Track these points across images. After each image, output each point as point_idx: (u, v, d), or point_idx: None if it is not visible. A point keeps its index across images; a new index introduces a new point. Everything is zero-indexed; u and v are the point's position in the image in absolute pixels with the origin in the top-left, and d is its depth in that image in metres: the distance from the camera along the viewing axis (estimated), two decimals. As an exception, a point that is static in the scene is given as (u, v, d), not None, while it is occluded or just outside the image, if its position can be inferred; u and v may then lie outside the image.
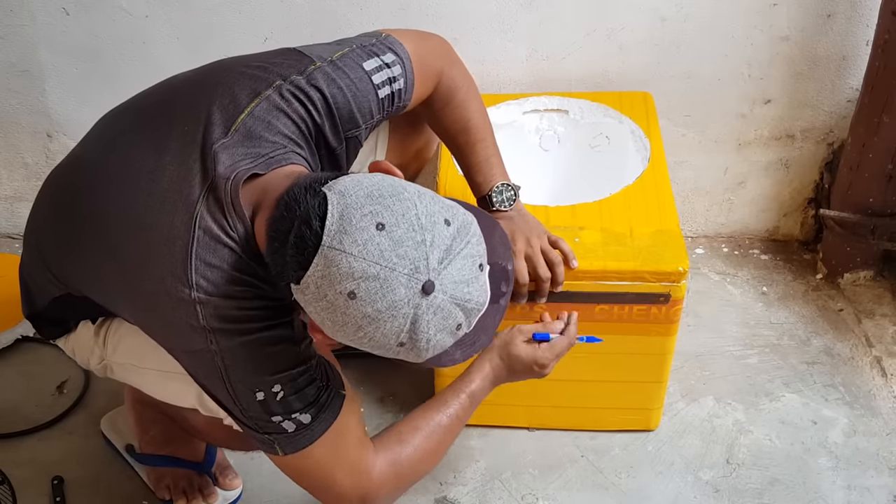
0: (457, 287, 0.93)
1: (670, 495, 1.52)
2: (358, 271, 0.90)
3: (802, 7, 1.70)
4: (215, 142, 1.08)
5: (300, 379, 1.08)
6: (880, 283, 1.89)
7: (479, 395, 1.30)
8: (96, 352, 1.33)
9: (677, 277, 1.40)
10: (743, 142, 1.88)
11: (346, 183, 0.95)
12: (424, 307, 0.92)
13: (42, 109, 1.91)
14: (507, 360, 1.32)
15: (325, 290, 0.92)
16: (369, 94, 1.18)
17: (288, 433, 1.11)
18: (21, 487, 1.55)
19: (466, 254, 0.94)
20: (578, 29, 1.74)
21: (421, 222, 0.92)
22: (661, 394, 1.57)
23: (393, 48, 1.23)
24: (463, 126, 1.36)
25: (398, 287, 0.91)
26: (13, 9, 1.78)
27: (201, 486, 1.50)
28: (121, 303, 1.18)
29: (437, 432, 1.25)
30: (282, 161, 1.09)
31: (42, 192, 1.28)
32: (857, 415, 1.63)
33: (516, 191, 1.39)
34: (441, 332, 0.95)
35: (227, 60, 1.22)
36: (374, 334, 0.93)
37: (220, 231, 1.04)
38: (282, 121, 1.11)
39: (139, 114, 1.20)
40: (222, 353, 1.06)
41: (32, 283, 1.30)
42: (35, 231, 1.27)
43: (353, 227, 0.91)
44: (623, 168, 1.63)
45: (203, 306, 1.04)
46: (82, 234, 1.16)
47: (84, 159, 1.22)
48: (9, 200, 2.05)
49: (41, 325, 1.36)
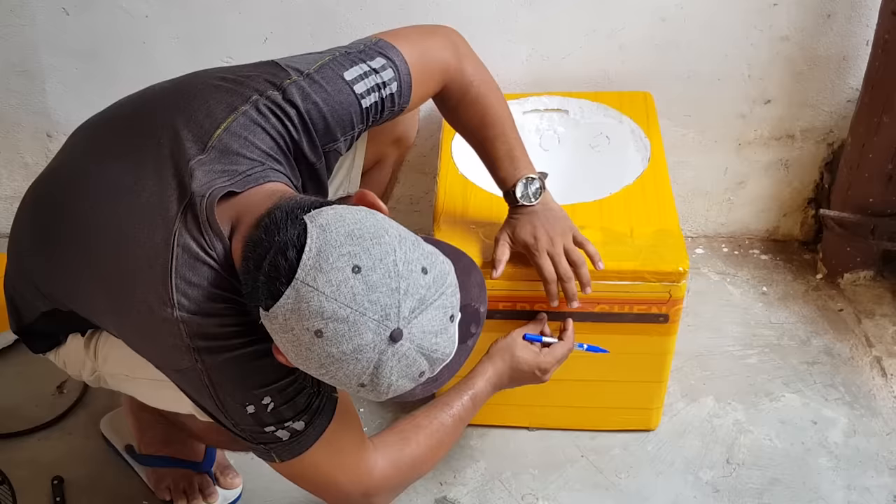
0: (425, 337, 0.93)
1: (670, 495, 1.52)
2: (328, 311, 0.89)
3: (802, 7, 1.70)
4: (191, 158, 1.06)
5: (289, 389, 1.08)
6: (880, 283, 1.89)
7: (480, 397, 1.30)
8: (88, 363, 1.33)
9: (677, 277, 1.40)
10: (743, 142, 1.88)
11: (329, 217, 0.94)
12: (389, 354, 0.91)
13: (42, 109, 1.91)
14: (509, 363, 1.32)
15: (293, 324, 0.91)
16: (349, 105, 1.15)
17: (283, 441, 1.10)
18: (21, 487, 1.55)
19: (439, 305, 0.93)
20: (578, 29, 1.74)
21: (398, 269, 0.91)
22: (661, 394, 1.57)
23: (383, 52, 1.20)
24: (479, 122, 1.33)
25: (366, 332, 0.90)
26: (13, 9, 1.78)
27: (202, 486, 1.50)
28: (107, 320, 1.18)
29: (439, 431, 1.25)
30: (259, 179, 1.07)
31: (22, 206, 1.26)
32: (857, 415, 1.63)
33: (542, 183, 1.35)
34: (403, 378, 0.94)
35: (203, 73, 1.20)
36: (336, 373, 0.93)
37: (198, 249, 1.03)
38: (259, 136, 1.09)
39: (116, 126, 1.19)
40: (208, 371, 1.05)
41: (18, 298, 1.28)
42: (18, 246, 1.25)
43: (330, 265, 0.90)
44: (623, 168, 1.63)
45: (186, 325, 1.03)
46: (64, 250, 1.15)
47: (63, 173, 1.21)
48: (9, 200, 2.05)
49: (30, 340, 1.35)
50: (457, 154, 1.61)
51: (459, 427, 1.28)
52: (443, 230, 1.47)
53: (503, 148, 1.34)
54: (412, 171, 1.91)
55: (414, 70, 1.22)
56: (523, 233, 1.36)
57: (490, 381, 1.31)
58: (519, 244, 1.38)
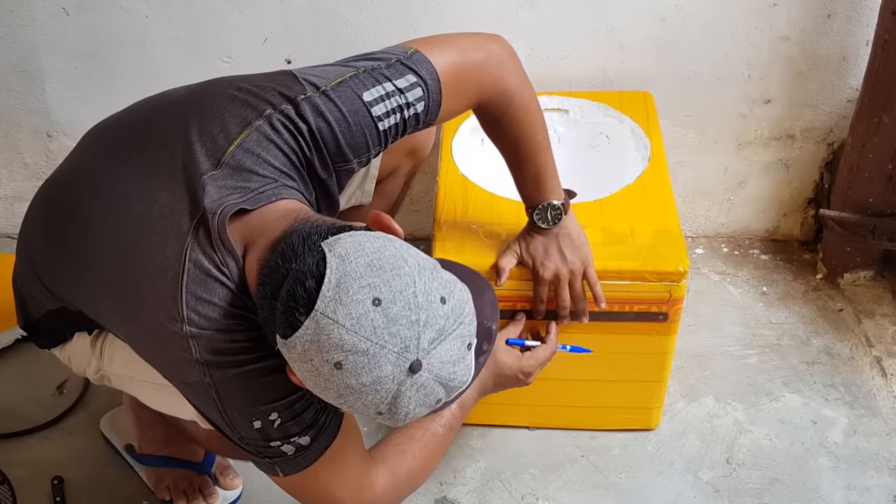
0: (443, 367, 0.92)
1: (670, 495, 1.52)
2: (348, 344, 0.89)
3: (802, 7, 1.70)
4: (204, 173, 1.06)
5: (297, 405, 1.07)
6: (880, 283, 1.89)
7: (468, 404, 1.30)
8: (93, 362, 1.33)
9: (677, 277, 1.40)
10: (743, 142, 1.88)
11: (348, 246, 0.92)
12: (408, 385, 0.91)
13: (42, 109, 1.90)
14: (493, 369, 1.32)
15: (312, 355, 0.90)
16: (365, 128, 1.12)
17: (287, 456, 1.10)
18: (21, 487, 1.55)
19: (458, 334, 0.93)
20: (578, 29, 1.74)
21: (418, 300, 0.90)
22: (661, 393, 1.57)
23: (415, 68, 1.15)
24: (512, 143, 1.30)
25: (385, 364, 0.89)
26: (13, 9, 1.78)
27: (201, 486, 1.50)
28: (113, 325, 1.18)
29: (432, 442, 1.25)
30: (272, 196, 1.06)
31: (34, 204, 1.26)
32: (857, 415, 1.63)
33: (564, 208, 1.34)
34: (420, 407, 0.94)
35: (220, 81, 1.18)
36: (355, 403, 0.92)
37: (210, 265, 1.02)
38: (272, 153, 1.08)
39: (131, 132, 1.18)
40: (216, 386, 1.05)
41: (27, 294, 1.29)
42: (27, 245, 1.26)
43: (350, 298, 0.89)
44: (623, 168, 1.63)
45: (196, 340, 1.02)
46: (71, 250, 1.15)
47: (75, 173, 1.21)
48: (9, 200, 2.05)
49: (36, 335, 1.35)
50: (457, 154, 1.61)
51: (450, 436, 1.28)
52: (443, 230, 1.47)
53: (531, 170, 1.32)
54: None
55: (446, 88, 1.17)
56: (535, 254, 1.37)
57: (475, 388, 1.31)
58: (526, 263, 1.38)
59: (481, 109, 1.27)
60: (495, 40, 1.25)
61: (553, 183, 1.33)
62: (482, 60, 1.22)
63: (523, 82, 1.27)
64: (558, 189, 1.34)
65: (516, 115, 1.27)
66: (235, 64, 1.80)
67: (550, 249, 1.36)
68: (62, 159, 1.27)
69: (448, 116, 1.22)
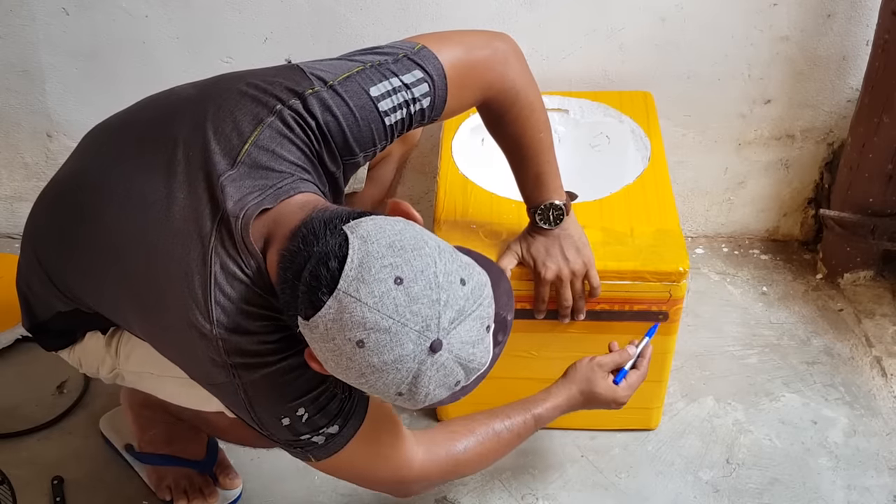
0: (463, 347, 0.93)
1: (670, 495, 1.52)
2: (370, 322, 0.90)
3: (802, 7, 1.70)
4: (222, 173, 1.06)
5: (322, 398, 1.09)
6: (880, 283, 1.89)
7: (544, 420, 1.31)
8: (108, 361, 1.33)
9: (677, 277, 1.40)
10: (743, 142, 1.88)
11: (369, 228, 0.93)
12: (429, 364, 0.92)
13: (42, 109, 1.90)
14: (587, 395, 1.32)
15: (334, 334, 0.92)
16: (372, 122, 1.12)
17: (318, 445, 1.12)
18: (21, 487, 1.54)
19: (477, 315, 0.94)
20: (578, 29, 1.74)
21: (438, 280, 0.91)
22: (661, 393, 1.57)
23: (422, 63, 1.15)
24: (515, 142, 1.30)
25: (407, 343, 0.91)
26: (13, 9, 1.78)
27: (202, 486, 1.50)
28: (136, 327, 1.18)
29: (491, 440, 1.26)
30: (290, 191, 1.06)
31: (39, 206, 1.25)
32: (857, 415, 1.63)
33: (566, 209, 1.34)
34: (440, 388, 0.95)
35: (225, 77, 1.18)
36: (376, 383, 0.93)
37: (235, 267, 1.03)
38: (286, 148, 1.08)
39: (142, 132, 1.17)
40: (244, 386, 1.06)
41: (33, 296, 1.28)
42: (36, 247, 1.24)
43: (372, 277, 0.90)
44: (623, 168, 1.63)
45: (224, 342, 1.04)
46: (85, 254, 1.15)
47: (85, 174, 1.20)
48: (9, 200, 2.05)
49: (43, 337, 1.34)
50: (457, 154, 1.61)
51: (515, 442, 1.29)
52: (443, 230, 1.47)
53: (533, 170, 1.32)
54: (412, 170, 1.91)
55: (452, 84, 1.17)
56: (536, 254, 1.37)
57: (559, 409, 1.31)
58: (527, 264, 1.39)
59: (485, 106, 1.27)
60: (501, 38, 1.26)
61: (555, 183, 1.34)
62: (488, 58, 1.22)
63: (528, 81, 1.27)
64: (560, 190, 1.34)
65: (520, 113, 1.27)
66: (235, 64, 1.80)
67: (552, 250, 1.36)
68: (62, 159, 1.27)
69: (452, 112, 1.22)
